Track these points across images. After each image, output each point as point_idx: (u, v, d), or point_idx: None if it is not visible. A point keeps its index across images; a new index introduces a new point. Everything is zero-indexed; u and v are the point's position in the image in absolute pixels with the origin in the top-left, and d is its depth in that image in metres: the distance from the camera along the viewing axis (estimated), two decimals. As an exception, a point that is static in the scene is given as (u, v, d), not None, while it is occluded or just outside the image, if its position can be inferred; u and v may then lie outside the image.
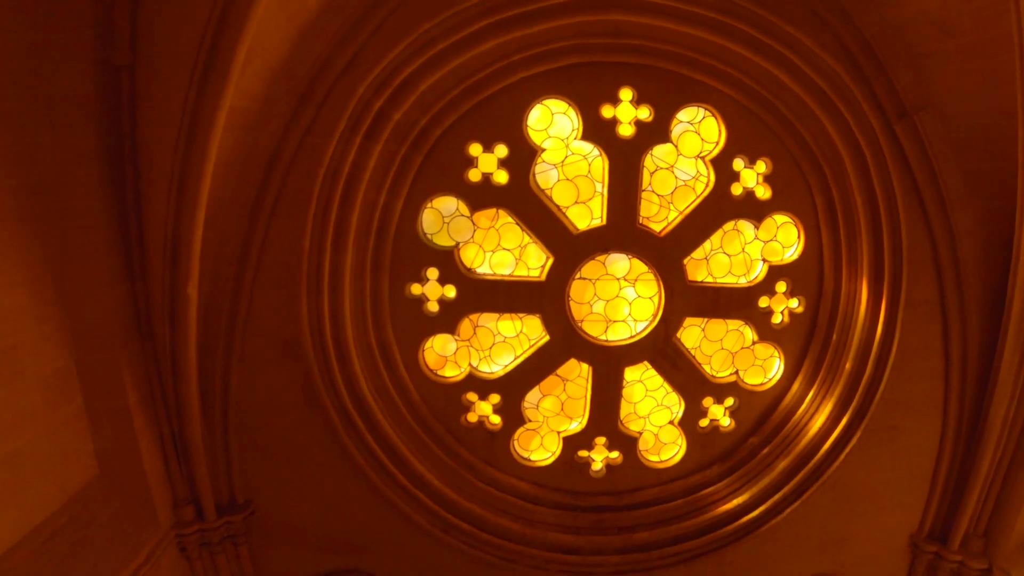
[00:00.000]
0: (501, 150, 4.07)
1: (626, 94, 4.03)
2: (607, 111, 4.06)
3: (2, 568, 3.22)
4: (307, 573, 4.74)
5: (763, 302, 4.54)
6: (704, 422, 4.80)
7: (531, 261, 4.36)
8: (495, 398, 4.60)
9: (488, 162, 4.07)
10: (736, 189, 4.30)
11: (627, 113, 4.10)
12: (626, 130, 4.11)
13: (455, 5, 3.44)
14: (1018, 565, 4.30)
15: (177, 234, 3.39)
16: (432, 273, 4.30)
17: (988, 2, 3.09)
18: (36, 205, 3.27)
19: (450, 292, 4.34)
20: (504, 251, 4.33)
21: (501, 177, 4.13)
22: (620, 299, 4.48)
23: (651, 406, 4.80)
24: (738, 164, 4.25)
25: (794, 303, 4.56)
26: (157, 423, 3.96)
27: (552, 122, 4.12)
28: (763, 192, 4.30)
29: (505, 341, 4.54)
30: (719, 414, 4.79)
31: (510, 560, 4.61)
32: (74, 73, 3.13)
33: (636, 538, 4.69)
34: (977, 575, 4.47)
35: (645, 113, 4.09)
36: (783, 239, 4.49)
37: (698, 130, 4.22)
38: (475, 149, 4.07)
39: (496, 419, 4.65)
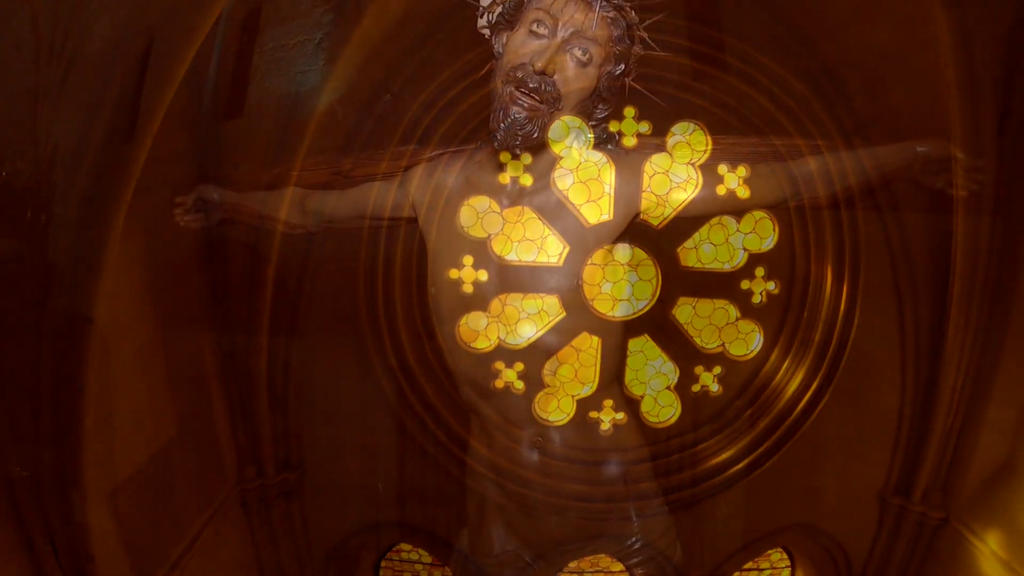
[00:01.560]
0: (526, 158, 4.77)
1: (629, 112, 4.81)
2: (614, 126, 4.82)
3: (109, 505, 3.85)
4: (353, 526, 5.42)
5: (744, 284, 5.22)
6: (696, 387, 5.38)
7: (550, 249, 5.06)
8: (519, 366, 5.26)
9: (516, 168, 4.81)
10: (721, 190, 4.99)
11: (630, 128, 4.86)
12: (629, 142, 4.85)
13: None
14: (972, 513, 4.96)
15: (261, 224, 4.11)
16: (468, 260, 4.99)
17: (929, 34, 3.85)
18: (135, 203, 3.91)
19: (483, 276, 5.05)
20: (528, 241, 5.04)
21: (527, 180, 4.85)
22: (624, 281, 5.21)
23: (650, 373, 5.53)
24: (722, 169, 4.94)
25: (771, 285, 5.26)
26: (228, 391, 4.64)
27: (569, 134, 4.89)
28: (743, 192, 5.02)
29: (528, 317, 5.26)
30: (709, 380, 5.41)
31: (533, 507, 5.19)
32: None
33: (640, 488, 5.34)
34: (937, 523, 5.13)
35: (645, 127, 4.85)
36: (761, 231, 5.20)
37: (689, 141, 4.95)
38: (505, 157, 4.80)
39: (520, 384, 5.32)
